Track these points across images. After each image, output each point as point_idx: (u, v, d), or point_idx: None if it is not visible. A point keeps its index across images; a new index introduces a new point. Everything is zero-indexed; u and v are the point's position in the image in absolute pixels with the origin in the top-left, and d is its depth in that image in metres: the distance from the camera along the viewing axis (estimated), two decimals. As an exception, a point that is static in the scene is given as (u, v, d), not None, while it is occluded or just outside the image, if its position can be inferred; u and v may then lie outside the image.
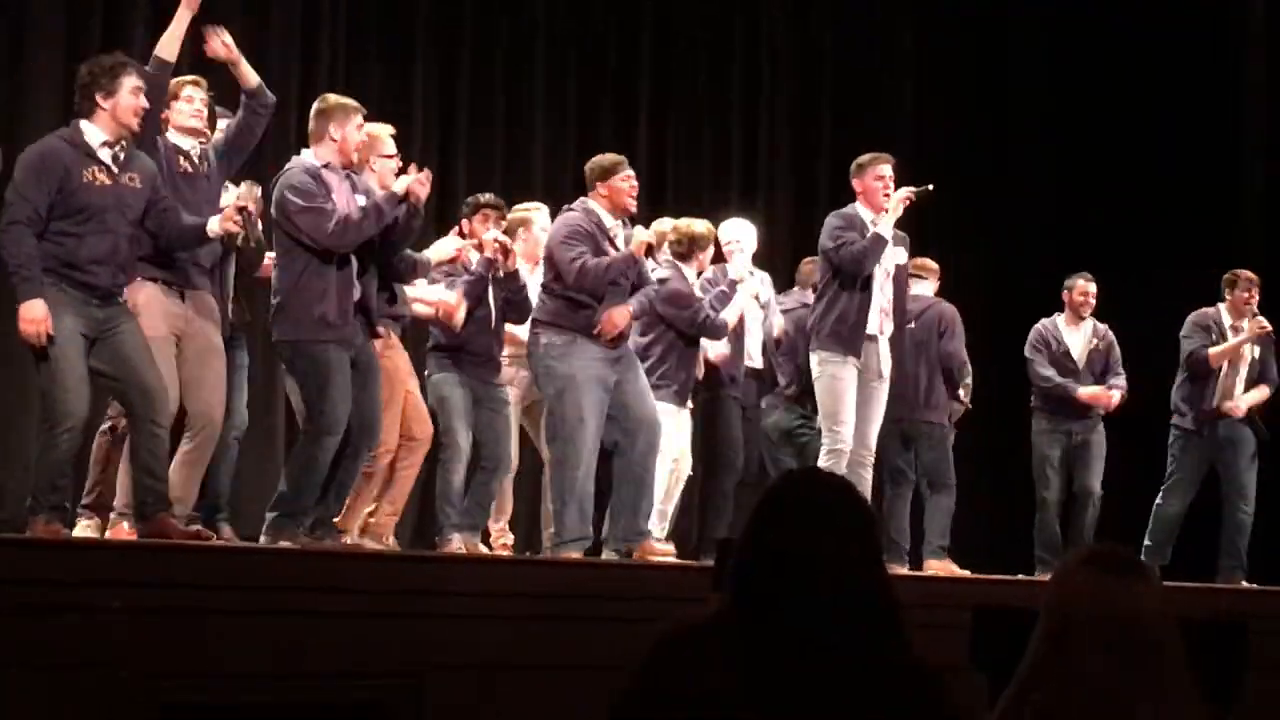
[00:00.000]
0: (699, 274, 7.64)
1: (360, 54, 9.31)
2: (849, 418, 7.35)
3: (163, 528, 5.52)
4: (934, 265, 8.35)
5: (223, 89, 6.43)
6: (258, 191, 6.84)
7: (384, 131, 6.74)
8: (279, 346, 6.26)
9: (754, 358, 7.92)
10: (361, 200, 6.20)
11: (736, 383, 7.81)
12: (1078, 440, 8.61)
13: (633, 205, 6.97)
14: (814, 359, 7.48)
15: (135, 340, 5.64)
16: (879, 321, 7.44)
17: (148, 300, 5.92)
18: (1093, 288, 8.71)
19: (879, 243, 7.37)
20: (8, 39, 7.96)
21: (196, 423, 5.99)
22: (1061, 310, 8.77)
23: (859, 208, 7.53)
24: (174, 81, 6.15)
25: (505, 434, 7.15)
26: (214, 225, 5.82)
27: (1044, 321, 8.78)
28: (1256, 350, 8.74)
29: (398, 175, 6.49)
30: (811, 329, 7.55)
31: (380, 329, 6.45)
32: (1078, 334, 8.72)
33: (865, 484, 7.34)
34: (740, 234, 7.95)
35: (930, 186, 7.53)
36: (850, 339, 7.36)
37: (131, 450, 5.71)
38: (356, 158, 6.31)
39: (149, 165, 5.81)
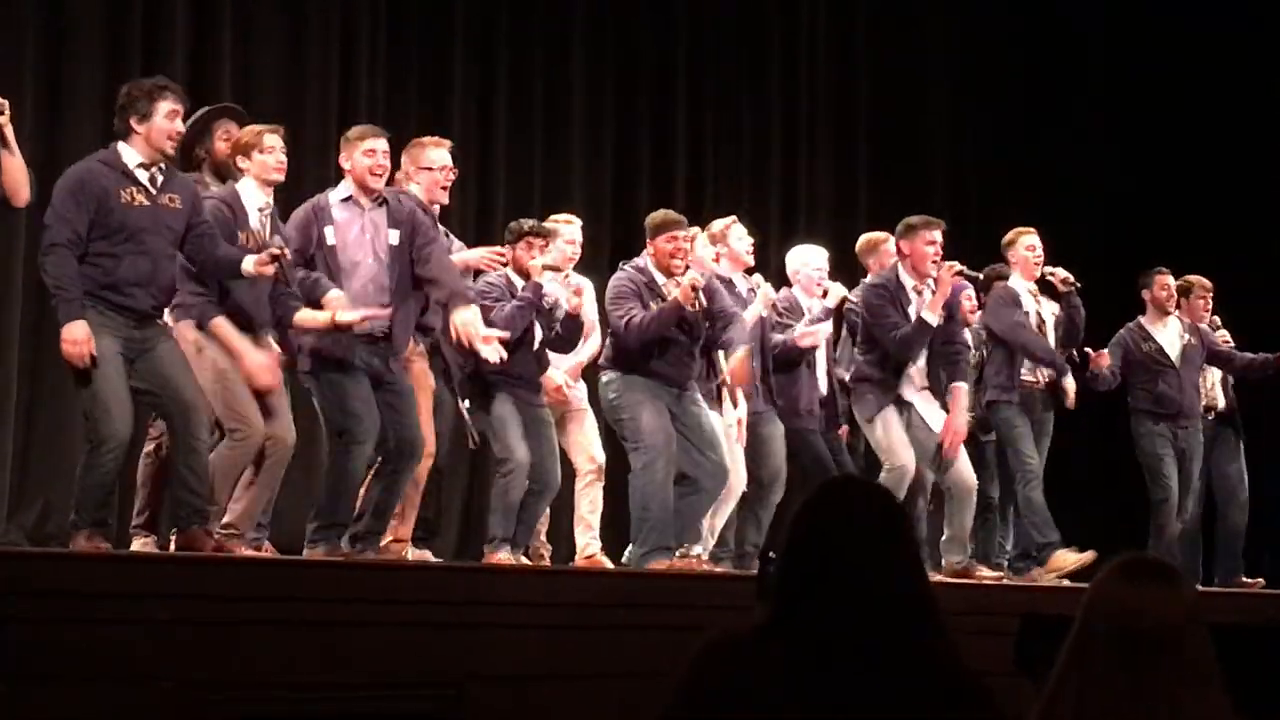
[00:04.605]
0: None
1: (399, 69, 9.35)
2: (902, 438, 7.48)
3: (193, 541, 5.53)
4: None
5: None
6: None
7: (427, 143, 6.80)
8: (300, 375, 6.31)
9: (822, 388, 7.96)
10: (394, 236, 6.27)
11: (814, 415, 7.86)
12: (1180, 447, 8.51)
13: (677, 268, 7.00)
14: (859, 408, 7.66)
15: (173, 356, 5.65)
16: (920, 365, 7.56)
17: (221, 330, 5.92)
18: (1171, 280, 8.60)
19: (924, 329, 7.43)
20: (47, 61, 8.02)
21: (270, 445, 5.95)
22: (1139, 305, 8.64)
23: (901, 273, 7.54)
24: (252, 130, 6.15)
25: (551, 455, 7.17)
26: (248, 265, 5.77)
27: (1127, 327, 8.64)
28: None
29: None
30: (853, 379, 7.72)
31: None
32: (1167, 331, 8.58)
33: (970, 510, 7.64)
34: (818, 260, 8.03)
35: (981, 275, 7.61)
36: (892, 385, 7.53)
37: (170, 464, 5.74)
38: (372, 181, 6.29)
39: (189, 187, 5.83)
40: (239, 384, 5.87)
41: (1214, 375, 8.86)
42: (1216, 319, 8.89)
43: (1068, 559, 7.67)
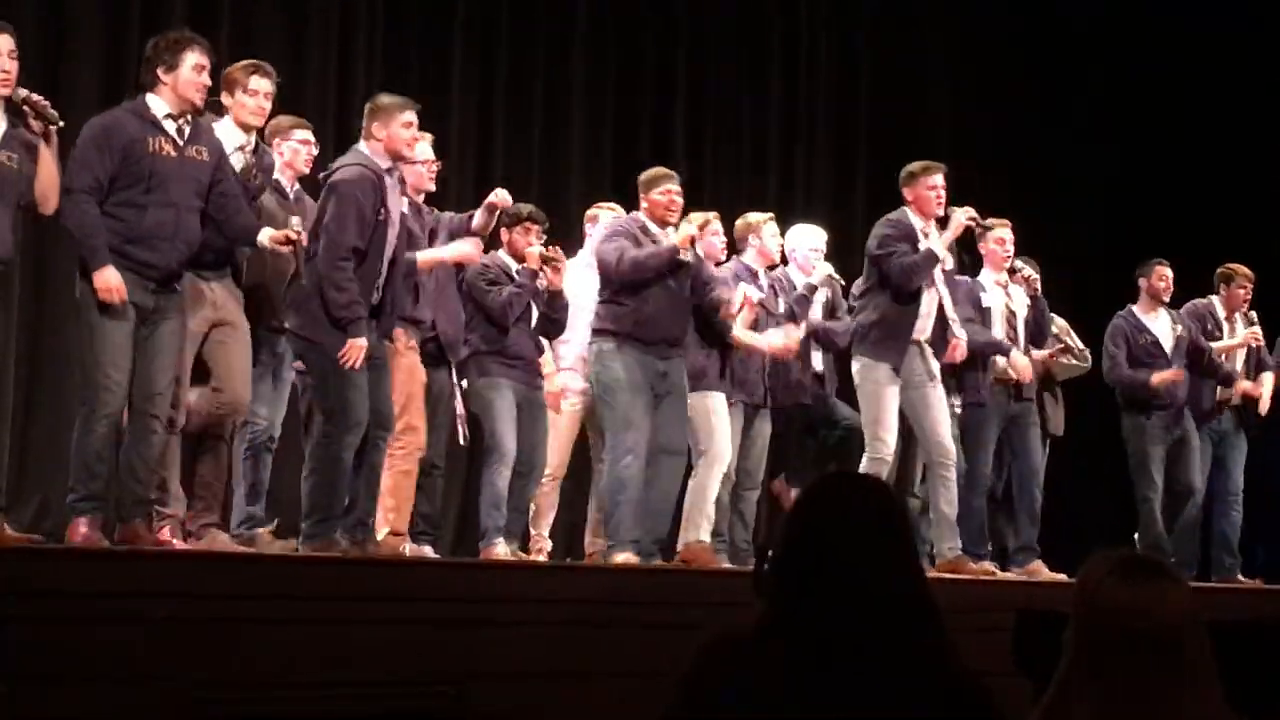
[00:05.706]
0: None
1: (399, 54, 9.33)
2: (892, 425, 7.31)
3: (134, 535, 5.50)
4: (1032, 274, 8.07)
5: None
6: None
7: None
8: (291, 338, 6.19)
9: (816, 365, 7.95)
10: (405, 204, 6.24)
11: (804, 388, 7.86)
12: (1176, 436, 8.50)
13: (672, 217, 7.09)
14: (856, 364, 7.48)
15: (171, 340, 5.61)
16: (923, 326, 7.40)
17: (190, 293, 5.84)
18: (1170, 272, 8.58)
19: (931, 260, 7.32)
20: (47, 61, 8.00)
21: (227, 410, 5.90)
22: (1134, 300, 8.61)
23: (909, 214, 7.44)
24: (242, 66, 6.08)
25: (543, 439, 7.20)
26: (264, 238, 5.74)
27: (1121, 315, 8.61)
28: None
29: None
30: (854, 334, 7.53)
31: (399, 331, 6.46)
32: (1160, 321, 8.56)
33: (951, 489, 7.40)
34: (816, 240, 8.01)
35: (990, 222, 7.61)
36: (893, 346, 7.33)
37: (124, 446, 5.64)
38: (408, 152, 6.27)
39: (216, 141, 5.79)
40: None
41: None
42: (1253, 314, 8.83)
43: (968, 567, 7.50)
